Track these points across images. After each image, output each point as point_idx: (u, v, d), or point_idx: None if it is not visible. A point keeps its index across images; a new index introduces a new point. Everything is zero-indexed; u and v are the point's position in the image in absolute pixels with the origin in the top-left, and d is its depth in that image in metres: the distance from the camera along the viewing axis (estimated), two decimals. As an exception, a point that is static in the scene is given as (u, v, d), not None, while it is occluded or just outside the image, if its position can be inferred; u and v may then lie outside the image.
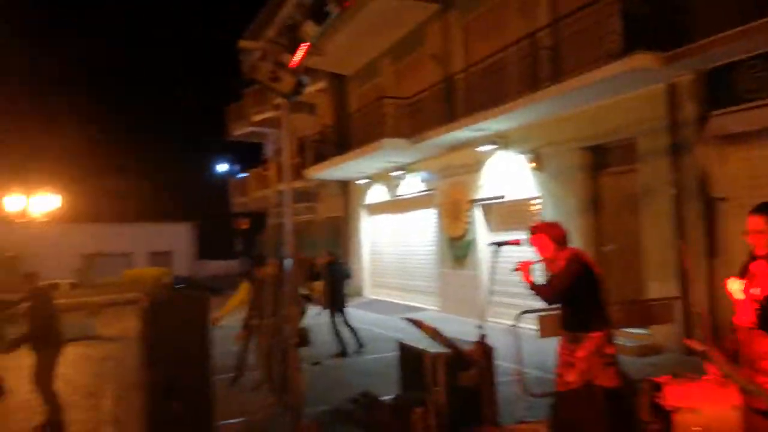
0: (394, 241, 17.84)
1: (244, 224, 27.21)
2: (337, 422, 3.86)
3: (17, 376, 7.05)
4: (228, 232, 33.97)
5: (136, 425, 6.70)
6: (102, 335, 13.92)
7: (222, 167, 30.55)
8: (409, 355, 5.55)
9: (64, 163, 28.92)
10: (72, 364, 10.61)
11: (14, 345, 6.97)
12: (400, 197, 16.84)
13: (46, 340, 6.86)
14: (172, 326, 4.09)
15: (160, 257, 31.51)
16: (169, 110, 52.60)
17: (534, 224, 4.34)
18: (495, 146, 12.44)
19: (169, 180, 38.36)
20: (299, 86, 3.87)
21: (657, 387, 3.45)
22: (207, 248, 35.52)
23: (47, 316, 7.01)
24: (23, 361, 7.03)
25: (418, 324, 4.20)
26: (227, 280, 19.69)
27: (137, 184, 33.88)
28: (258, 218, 28.02)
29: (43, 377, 6.80)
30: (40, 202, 18.76)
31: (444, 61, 14.25)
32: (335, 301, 10.19)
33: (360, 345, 10.18)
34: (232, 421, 6.21)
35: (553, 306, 4.28)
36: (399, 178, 16.51)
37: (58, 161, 28.74)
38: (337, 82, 19.66)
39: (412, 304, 16.01)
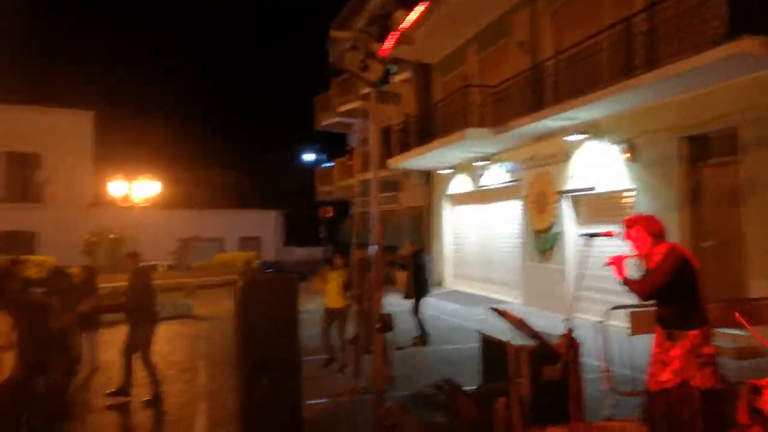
0: (477, 232, 17.67)
1: (329, 212, 27.76)
2: (419, 407, 3.91)
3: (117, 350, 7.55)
4: (313, 220, 34.84)
5: (228, 400, 7.09)
6: (196, 315, 14.71)
7: (309, 157, 31.35)
8: (491, 347, 5.51)
9: (163, 152, 30.73)
10: (168, 341, 11.33)
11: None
12: (484, 188, 16.64)
13: (141, 316, 7.25)
14: (265, 306, 4.27)
15: (249, 242, 32.79)
16: (262, 102, 54.46)
17: (629, 217, 4.18)
18: (585, 136, 12.02)
19: (259, 169, 39.87)
20: (387, 75, 3.92)
21: (757, 390, 3.26)
22: (293, 235, 36.65)
23: (144, 294, 7.38)
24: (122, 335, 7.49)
25: (503, 314, 4.16)
26: (311, 266, 20.26)
27: (229, 173, 35.37)
28: (341, 207, 28.55)
29: (134, 351, 7.21)
30: (141, 188, 19.99)
31: (532, 48, 13.90)
32: (419, 291, 10.25)
33: (425, 335, 10.21)
34: (317, 401, 6.43)
35: (646, 303, 4.12)
36: (483, 168, 16.31)
37: (157, 150, 30.58)
38: (422, 71, 19.63)
39: (494, 296, 15.83)
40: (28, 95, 27.56)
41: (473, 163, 16.40)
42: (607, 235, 4.11)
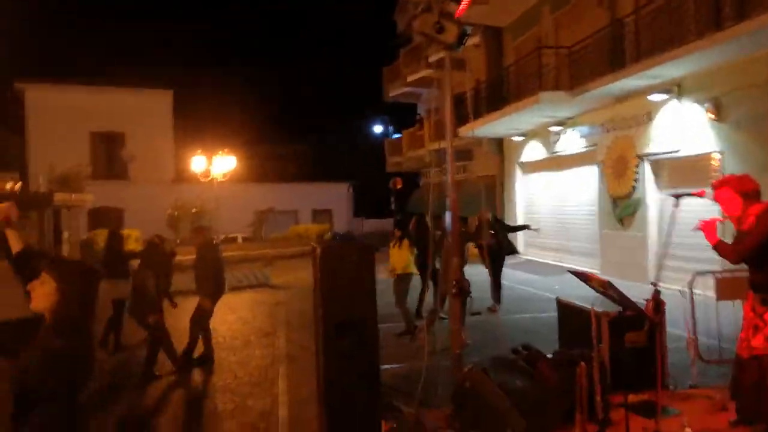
0: (550, 200, 17.24)
1: (398, 183, 27.87)
2: (498, 371, 3.91)
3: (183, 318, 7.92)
4: (383, 192, 35.08)
5: (307, 362, 7.34)
6: (274, 284, 15.24)
7: (378, 128, 31.44)
8: (569, 313, 5.41)
9: (239, 127, 31.64)
10: (249, 308, 11.81)
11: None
12: (558, 154, 16.16)
13: (208, 287, 7.49)
14: (344, 270, 4.36)
15: (321, 214, 33.47)
16: (333, 75, 54.85)
17: (720, 178, 3.95)
18: (668, 95, 11.40)
19: (330, 142, 40.38)
20: (463, 36, 3.84)
21: None
22: (363, 207, 37.09)
23: (210, 266, 7.60)
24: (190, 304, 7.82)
25: (586, 277, 4.06)
26: (381, 237, 20.46)
27: (302, 147, 36.06)
28: (411, 178, 28.54)
29: (200, 319, 7.51)
30: (219, 163, 20.69)
31: (610, 4, 13.22)
32: (496, 258, 10.12)
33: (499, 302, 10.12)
34: (394, 365, 6.55)
35: (734, 267, 3.91)
36: (557, 133, 15.82)
37: (234, 126, 31.52)
38: (492, 35, 19.13)
39: (568, 265, 15.46)
40: (112, 77, 28.99)
41: (547, 129, 15.93)
42: (699, 195, 3.91)
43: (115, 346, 8.26)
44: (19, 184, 15.35)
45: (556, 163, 16.57)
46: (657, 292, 3.83)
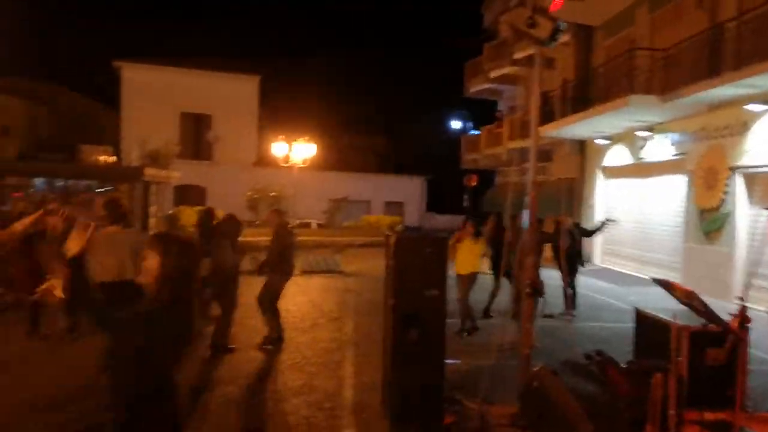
0: (633, 208, 16.60)
1: (473, 181, 27.58)
2: (568, 374, 3.85)
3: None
4: (457, 188, 34.85)
5: (373, 348, 7.46)
6: (343, 270, 15.51)
7: (456, 124, 31.19)
8: (647, 325, 5.23)
9: (320, 116, 32.22)
10: (319, 292, 12.10)
11: (259, 270, 7.82)
12: (644, 160, 15.52)
13: (278, 268, 7.69)
14: (416, 261, 4.42)
15: (393, 207, 33.67)
16: (413, 69, 54.90)
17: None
18: (767, 106, 10.72)
19: (406, 135, 40.48)
20: (556, 32, 3.78)
21: None
22: (436, 202, 37.00)
23: (283, 248, 7.79)
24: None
25: (669, 286, 3.92)
26: (451, 234, 20.39)
27: (379, 139, 36.35)
28: (486, 176, 28.19)
29: (267, 299, 7.71)
30: (299, 150, 21.21)
31: (711, 6, 12.54)
32: (572, 264, 9.85)
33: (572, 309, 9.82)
34: (455, 361, 6.54)
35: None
36: (644, 139, 15.19)
37: (315, 114, 32.13)
38: (583, 33, 18.56)
39: (647, 277, 14.87)
40: (203, 60, 30.23)
41: (634, 134, 15.33)
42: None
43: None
44: (113, 158, 16.37)
45: (641, 169, 15.92)
46: (743, 308, 3.66)
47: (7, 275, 7.67)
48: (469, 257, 8.48)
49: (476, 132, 28.36)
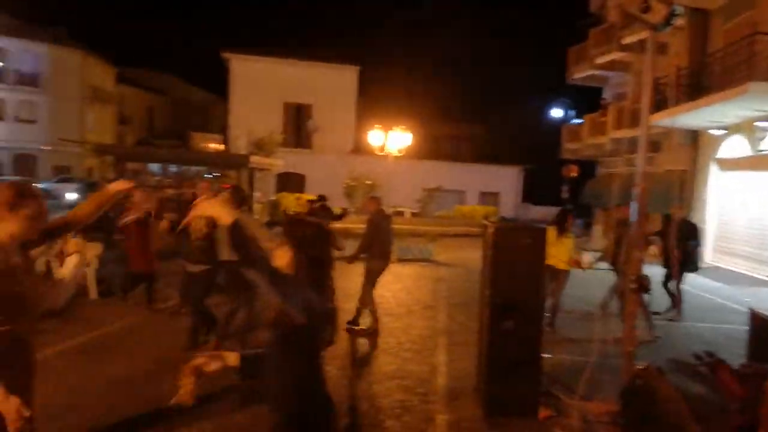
0: (751, 203, 15.40)
1: (573, 171, 26.66)
2: (675, 373, 3.69)
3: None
4: (555, 179, 33.80)
5: (466, 338, 7.47)
6: (436, 260, 15.57)
7: (556, 112, 30.18)
8: (762, 327, 4.91)
9: (415, 105, 32.30)
10: (413, 280, 12.22)
11: (353, 257, 7.94)
12: (764, 152, 14.34)
13: (376, 254, 7.79)
14: (514, 252, 4.38)
15: (488, 197, 33.21)
16: (510, 57, 53.65)
17: None
18: None
19: (503, 124, 39.74)
20: (672, 16, 3.59)
21: None
22: (532, 193, 36.10)
23: (380, 235, 7.88)
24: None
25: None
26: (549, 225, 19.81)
27: (474, 128, 35.88)
28: (587, 166, 27.15)
29: (368, 285, 7.84)
30: (395, 139, 21.37)
31: None
32: (683, 262, 9.20)
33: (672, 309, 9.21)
34: (552, 355, 6.42)
35: None
36: (764, 130, 14.02)
37: (411, 103, 32.25)
38: (698, 17, 17.34)
39: (764, 277, 13.79)
40: (304, 52, 31.14)
41: (754, 124, 14.19)
42: None
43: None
44: (222, 146, 17.27)
45: (760, 162, 14.73)
46: None
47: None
48: (563, 251, 8.11)
49: (578, 121, 27.32)
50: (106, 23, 75.34)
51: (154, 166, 17.03)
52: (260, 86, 30.23)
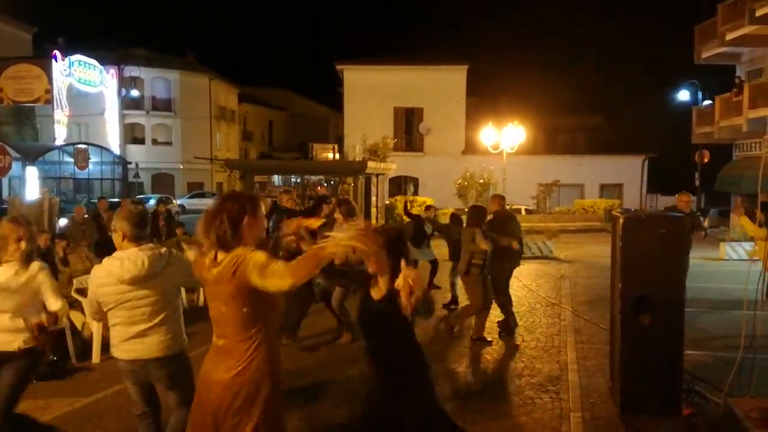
0: None
1: (705, 157, 24.76)
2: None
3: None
4: (684, 166, 31.56)
5: (595, 335, 7.25)
6: (557, 257, 15.15)
7: (683, 96, 28.15)
8: None
9: (527, 98, 31.53)
10: (533, 278, 12.01)
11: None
12: None
13: (501, 254, 7.63)
14: (649, 243, 4.21)
15: (610, 189, 31.66)
16: (628, 40, 50.84)
17: None
18: None
19: (623, 111, 37.74)
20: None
21: None
22: (659, 182, 33.93)
23: (505, 234, 7.69)
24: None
25: None
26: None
27: (591, 118, 34.35)
28: (721, 151, 25.13)
29: (496, 286, 7.71)
30: (508, 135, 21.04)
31: None
32: None
33: None
34: (695, 352, 6.05)
35: None
36: None
37: (523, 97, 31.52)
38: None
39: None
40: (412, 56, 31.50)
41: None
42: None
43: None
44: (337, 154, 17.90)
45: None
46: None
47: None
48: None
49: (709, 102, 25.34)
50: (228, 47, 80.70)
51: (276, 178, 18.01)
52: (372, 93, 30.98)
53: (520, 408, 5.04)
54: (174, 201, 30.62)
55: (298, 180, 17.28)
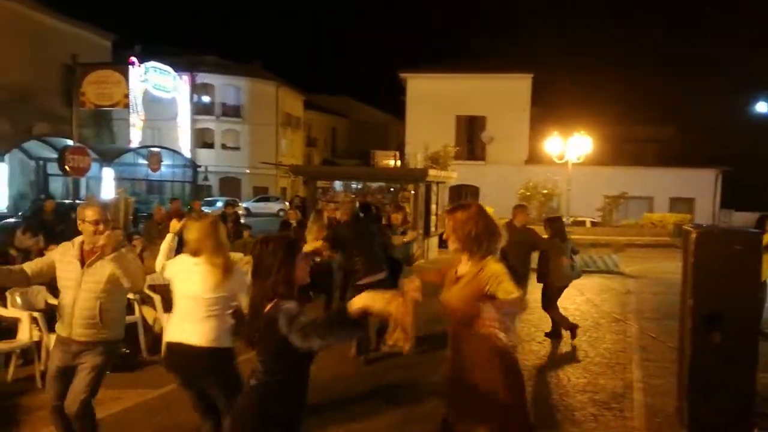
0: None
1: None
2: None
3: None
4: (761, 180, 30.03)
5: (662, 353, 7.00)
6: (622, 271, 14.68)
7: (761, 107, 26.79)
8: None
9: (594, 108, 30.80)
10: (597, 293, 11.69)
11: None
12: None
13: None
14: (721, 258, 4.06)
15: (681, 203, 30.43)
16: (702, 48, 48.88)
17: None
18: None
19: (696, 123, 36.22)
20: None
21: None
22: (733, 197, 32.34)
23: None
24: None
25: None
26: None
27: (661, 129, 33.18)
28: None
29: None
30: (574, 145, 20.60)
31: None
32: None
33: None
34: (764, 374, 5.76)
35: None
36: None
37: (589, 106, 30.81)
38: None
39: None
40: (475, 64, 31.34)
41: None
42: None
43: None
44: (398, 162, 18.02)
45: None
46: None
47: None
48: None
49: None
50: (293, 54, 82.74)
51: (337, 184, 18.29)
52: (434, 102, 30.99)
53: (582, 424, 4.93)
54: (240, 204, 31.58)
55: (359, 186, 17.48)
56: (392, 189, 17.47)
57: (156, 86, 27.81)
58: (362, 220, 6.85)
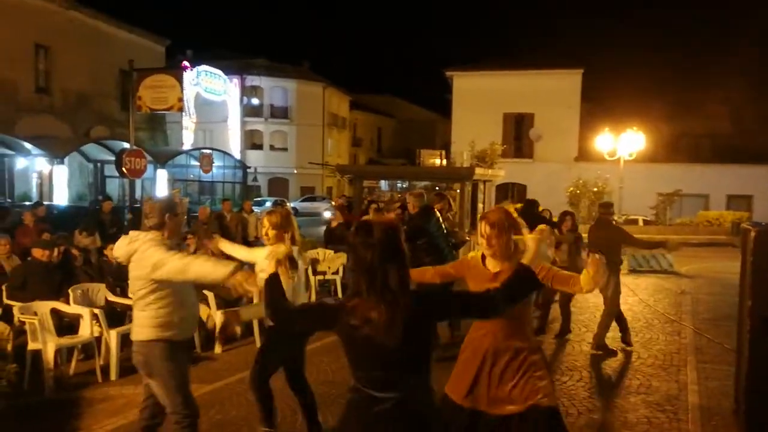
0: None
1: None
2: None
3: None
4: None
5: (717, 356, 6.78)
6: (677, 271, 14.27)
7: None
8: None
9: (648, 103, 29.89)
10: (650, 293, 11.40)
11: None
12: None
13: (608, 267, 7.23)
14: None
15: (739, 200, 29.25)
16: (760, 34, 46.73)
17: None
18: None
19: (756, 116, 34.66)
20: None
21: None
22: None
23: (611, 245, 7.29)
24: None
25: None
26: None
27: (719, 123, 31.95)
28: None
29: (608, 300, 7.36)
30: (626, 141, 20.09)
31: None
32: None
33: None
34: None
35: None
36: None
37: (643, 102, 29.91)
38: None
39: None
40: (525, 60, 30.91)
41: None
42: None
43: None
44: (445, 161, 17.93)
45: None
46: None
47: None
48: None
49: None
50: (340, 55, 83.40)
51: (383, 183, 18.32)
52: (481, 100, 30.73)
53: (635, 426, 4.83)
54: (288, 204, 32.06)
55: (405, 185, 17.49)
56: (437, 188, 17.43)
57: (207, 89, 28.51)
58: (432, 212, 6.92)
